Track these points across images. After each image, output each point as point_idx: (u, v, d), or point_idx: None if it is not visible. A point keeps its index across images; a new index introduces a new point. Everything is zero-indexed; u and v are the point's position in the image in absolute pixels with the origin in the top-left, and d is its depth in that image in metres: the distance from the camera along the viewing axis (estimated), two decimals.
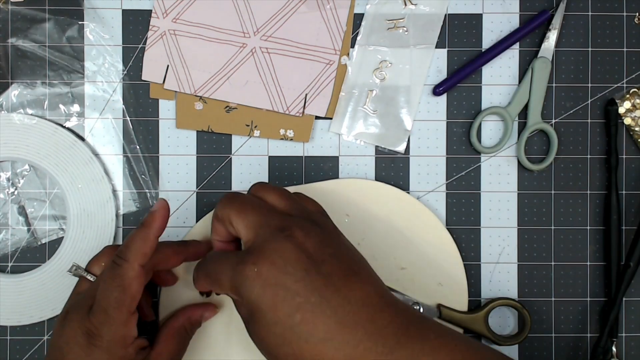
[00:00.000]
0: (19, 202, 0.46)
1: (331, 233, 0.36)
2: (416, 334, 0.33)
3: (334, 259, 0.33)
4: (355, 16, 0.46)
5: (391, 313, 0.33)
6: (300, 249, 0.33)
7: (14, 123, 0.45)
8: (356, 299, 0.32)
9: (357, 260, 0.35)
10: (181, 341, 0.40)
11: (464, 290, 0.45)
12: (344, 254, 0.34)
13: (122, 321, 0.36)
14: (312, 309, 0.32)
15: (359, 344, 0.32)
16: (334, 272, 0.33)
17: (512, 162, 0.47)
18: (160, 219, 0.37)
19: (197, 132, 0.46)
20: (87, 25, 0.46)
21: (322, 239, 0.34)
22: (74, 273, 0.39)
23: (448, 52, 0.47)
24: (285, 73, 0.46)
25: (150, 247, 0.37)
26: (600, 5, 0.47)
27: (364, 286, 0.33)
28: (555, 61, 0.47)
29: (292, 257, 0.33)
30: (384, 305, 0.33)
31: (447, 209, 0.47)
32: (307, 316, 0.32)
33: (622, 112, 0.46)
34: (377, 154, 0.47)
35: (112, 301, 0.35)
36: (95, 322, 0.35)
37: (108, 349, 0.35)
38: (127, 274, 0.36)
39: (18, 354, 0.46)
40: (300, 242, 0.33)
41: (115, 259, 0.36)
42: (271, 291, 0.32)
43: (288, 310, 0.32)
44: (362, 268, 0.35)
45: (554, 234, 0.47)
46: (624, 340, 0.47)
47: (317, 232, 0.34)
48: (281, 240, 0.33)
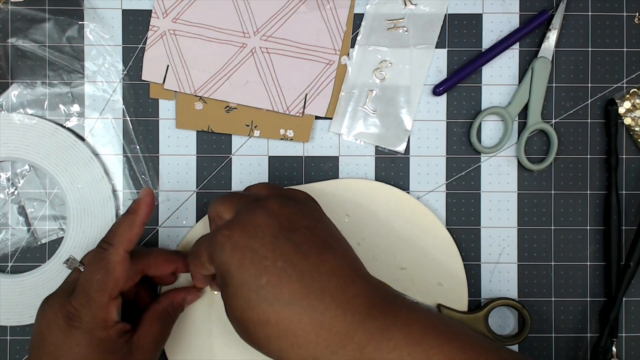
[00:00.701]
0: (19, 202, 0.46)
1: (312, 211, 0.36)
2: (388, 306, 0.33)
3: (307, 231, 0.34)
4: (355, 16, 0.46)
5: (363, 286, 0.33)
6: (271, 216, 0.34)
7: (14, 123, 0.45)
8: (326, 269, 0.33)
9: (336, 238, 0.35)
10: (164, 324, 0.40)
11: (464, 291, 0.45)
12: (321, 229, 0.34)
13: (103, 304, 0.36)
14: (278, 273, 0.32)
15: (326, 311, 0.31)
16: (306, 241, 0.33)
17: (512, 162, 0.47)
18: (145, 206, 0.39)
19: (197, 132, 0.46)
20: (87, 25, 0.46)
21: (298, 212, 0.35)
22: (69, 265, 0.40)
23: (448, 52, 0.47)
24: (285, 73, 0.46)
25: (136, 233, 0.38)
26: (600, 5, 0.47)
27: (337, 259, 0.33)
28: (555, 61, 0.47)
29: (263, 223, 0.33)
30: (356, 277, 0.33)
31: (447, 209, 0.47)
32: (272, 279, 0.32)
33: (622, 112, 0.46)
34: (377, 154, 0.47)
35: (94, 283, 0.36)
36: (76, 304, 0.36)
37: (88, 331, 0.35)
38: (112, 257, 0.37)
39: (18, 354, 0.46)
40: (273, 210, 0.34)
41: (100, 244, 0.38)
42: (240, 253, 0.33)
43: (254, 272, 0.32)
44: (340, 245, 0.35)
45: (554, 234, 0.47)
46: (624, 340, 0.47)
47: (294, 205, 0.35)
48: (254, 209, 0.34)
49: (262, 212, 0.34)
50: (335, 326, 0.31)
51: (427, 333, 0.32)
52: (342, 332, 0.31)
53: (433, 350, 0.31)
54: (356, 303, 0.32)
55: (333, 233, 0.35)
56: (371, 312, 0.32)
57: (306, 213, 0.35)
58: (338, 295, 0.32)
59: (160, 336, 0.40)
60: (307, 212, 0.35)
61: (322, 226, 0.35)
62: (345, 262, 0.34)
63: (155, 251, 0.42)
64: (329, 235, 0.35)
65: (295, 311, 0.31)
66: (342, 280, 0.33)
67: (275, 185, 0.39)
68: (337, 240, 0.35)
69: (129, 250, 0.38)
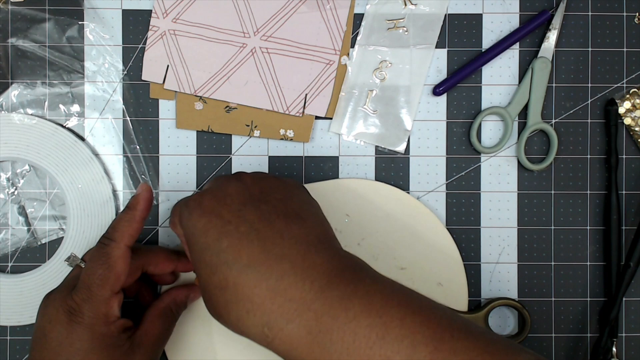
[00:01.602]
0: (19, 202, 0.46)
1: (291, 188, 0.36)
2: (351, 276, 0.31)
3: (279, 203, 0.34)
4: (355, 16, 0.46)
5: (328, 255, 0.32)
6: (244, 187, 0.34)
7: (14, 123, 0.45)
8: (291, 236, 0.32)
9: (311, 212, 0.35)
10: (167, 322, 0.40)
11: (464, 290, 0.45)
12: (295, 202, 0.34)
13: (105, 299, 0.36)
14: (240, 236, 0.32)
15: (284, 277, 0.31)
16: (274, 211, 0.33)
17: (512, 162, 0.47)
18: (144, 202, 0.39)
19: (197, 132, 0.46)
20: (87, 25, 0.46)
21: (273, 186, 0.35)
22: (70, 263, 0.40)
23: (448, 52, 0.47)
24: (285, 73, 0.46)
25: (136, 228, 0.38)
26: (600, 5, 0.47)
27: (304, 228, 0.33)
28: (555, 61, 0.47)
29: (234, 191, 0.34)
30: (322, 248, 0.32)
31: (447, 209, 0.47)
32: (233, 242, 0.32)
33: (622, 112, 0.46)
34: (377, 154, 0.47)
35: (96, 278, 0.36)
36: (78, 299, 0.36)
37: (89, 326, 0.36)
38: (113, 252, 0.37)
39: (18, 354, 0.46)
40: (247, 182, 0.35)
41: (102, 239, 0.38)
42: (206, 218, 0.33)
43: (216, 235, 0.32)
44: (312, 218, 0.34)
45: (554, 234, 0.47)
46: (624, 340, 0.47)
47: (272, 180, 0.35)
48: (228, 179, 0.35)
49: (235, 182, 0.35)
50: (292, 293, 0.30)
51: (389, 304, 0.30)
52: (299, 300, 0.30)
53: (394, 323, 0.29)
54: (317, 271, 0.31)
55: (308, 208, 0.35)
56: (332, 281, 0.31)
57: (282, 188, 0.35)
58: (298, 262, 0.31)
59: (163, 334, 0.40)
60: (283, 187, 0.35)
61: (298, 199, 0.35)
62: (313, 232, 0.33)
63: (155, 248, 0.42)
64: (302, 208, 0.34)
65: (253, 276, 0.31)
66: (305, 247, 0.32)
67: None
68: (310, 214, 0.34)
69: (130, 246, 0.38)
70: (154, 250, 0.41)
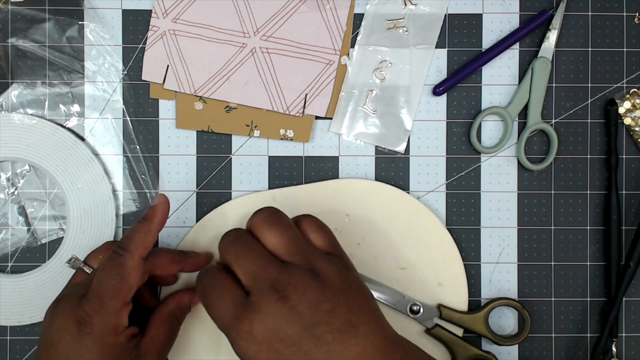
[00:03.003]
0: (19, 202, 0.46)
1: (331, 280, 0.34)
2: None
3: (330, 316, 0.33)
4: (355, 16, 0.46)
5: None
6: (293, 312, 0.32)
7: (14, 123, 0.45)
8: (351, 357, 0.32)
9: (358, 308, 0.34)
10: (171, 327, 0.40)
11: (464, 291, 0.45)
12: (343, 305, 0.33)
13: (116, 310, 0.36)
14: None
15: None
16: (329, 330, 0.32)
17: (512, 162, 0.47)
18: (161, 214, 0.39)
19: (197, 132, 0.46)
20: (87, 25, 0.46)
21: (318, 295, 0.33)
22: (72, 265, 0.40)
23: (448, 52, 0.47)
24: (285, 73, 0.46)
25: (151, 240, 0.38)
26: (600, 5, 0.47)
27: (360, 341, 0.33)
28: (555, 61, 0.47)
29: (285, 321, 0.32)
30: (380, 359, 0.33)
31: (447, 209, 0.47)
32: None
33: (622, 112, 0.46)
34: (377, 154, 0.47)
35: (109, 289, 0.36)
36: (88, 309, 0.35)
37: (99, 337, 0.35)
38: (128, 263, 0.36)
39: (18, 354, 0.46)
40: (294, 303, 0.32)
41: (116, 249, 0.37)
42: (265, 355, 0.32)
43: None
44: (363, 316, 0.34)
45: (554, 234, 0.47)
46: (624, 340, 0.47)
47: (314, 286, 0.33)
48: (274, 303, 0.32)
49: (283, 309, 0.32)
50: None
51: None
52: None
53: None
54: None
55: (355, 304, 0.34)
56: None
57: (326, 289, 0.33)
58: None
59: (168, 339, 0.40)
60: (327, 287, 0.34)
61: (343, 300, 0.34)
62: (370, 341, 0.33)
63: (161, 251, 0.41)
64: (351, 309, 0.34)
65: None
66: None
67: (288, 230, 0.36)
68: (359, 312, 0.34)
69: (144, 257, 0.37)
70: (160, 254, 0.41)
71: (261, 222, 0.36)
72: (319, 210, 0.45)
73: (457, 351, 0.44)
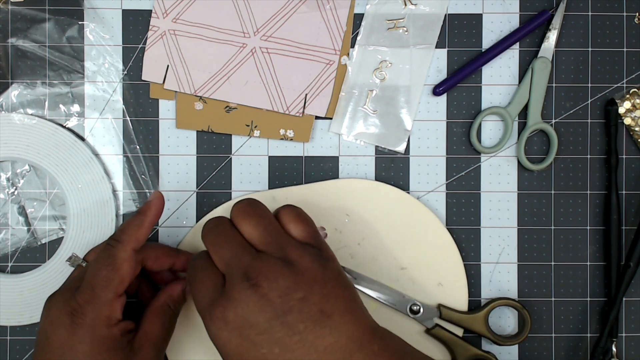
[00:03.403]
0: (19, 202, 0.46)
1: (304, 269, 0.34)
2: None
3: (302, 304, 0.33)
4: (355, 16, 0.46)
5: (361, 358, 0.32)
6: (264, 300, 0.32)
7: (14, 123, 0.45)
8: (324, 346, 0.32)
9: (334, 297, 0.34)
10: (166, 320, 0.40)
11: (464, 291, 0.45)
12: (317, 294, 0.33)
13: (108, 300, 0.36)
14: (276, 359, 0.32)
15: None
16: (301, 319, 0.32)
17: (512, 162, 0.47)
18: (155, 208, 0.39)
19: (197, 132, 0.46)
20: (87, 25, 0.46)
21: (290, 284, 0.33)
22: (72, 263, 0.40)
23: (448, 52, 0.47)
24: (285, 73, 0.46)
25: (144, 233, 0.39)
26: (600, 5, 0.47)
27: (334, 330, 0.33)
28: (555, 61, 0.47)
29: (256, 308, 0.32)
30: (355, 349, 0.32)
31: (447, 209, 0.47)
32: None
33: (622, 112, 0.46)
34: (377, 154, 0.47)
35: (101, 279, 0.36)
36: (81, 300, 0.36)
37: (91, 328, 0.35)
38: (119, 254, 0.37)
39: (18, 354, 0.46)
40: (265, 292, 0.32)
41: (108, 241, 0.38)
42: (236, 341, 0.33)
43: (254, 359, 0.32)
44: (338, 305, 0.33)
45: (554, 234, 0.47)
46: (624, 340, 0.47)
47: (286, 274, 0.33)
48: (245, 290, 0.33)
49: (254, 296, 0.32)
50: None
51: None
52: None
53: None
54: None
55: (330, 293, 0.34)
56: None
57: (299, 279, 0.33)
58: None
59: (163, 333, 0.39)
60: (300, 276, 0.33)
61: (318, 289, 0.33)
62: (343, 330, 0.33)
63: (154, 244, 0.42)
64: (324, 299, 0.33)
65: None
66: (341, 355, 0.32)
67: (264, 220, 0.36)
68: (333, 301, 0.34)
69: (136, 250, 0.38)
70: (153, 246, 0.42)
71: (238, 211, 0.36)
72: (319, 210, 0.45)
73: (457, 351, 0.44)
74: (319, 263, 0.34)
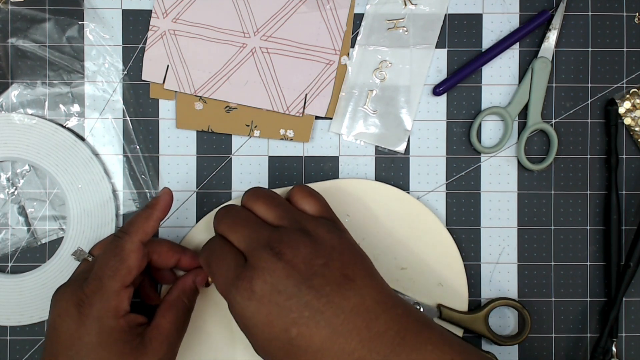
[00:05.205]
0: (19, 202, 0.46)
1: (322, 239, 0.35)
2: (412, 343, 0.33)
3: (325, 269, 0.34)
4: (355, 16, 0.46)
5: (387, 319, 0.33)
6: (289, 266, 0.33)
7: (14, 123, 0.45)
8: (350, 307, 0.33)
9: (353, 264, 0.35)
10: (179, 313, 0.40)
11: (464, 290, 0.45)
12: (337, 260, 0.34)
13: (115, 291, 0.36)
14: (307, 323, 0.32)
15: (354, 352, 0.32)
16: (326, 282, 0.33)
17: (512, 162, 0.47)
18: (164, 203, 0.40)
19: (197, 132, 0.46)
20: (87, 25, 0.46)
21: (311, 250, 0.34)
22: (77, 257, 0.41)
23: (448, 52, 0.47)
24: (285, 73, 0.46)
25: (152, 226, 0.39)
26: (600, 5, 0.47)
27: (358, 292, 0.33)
28: (555, 61, 0.47)
29: (282, 275, 0.33)
30: (380, 311, 0.33)
31: (447, 209, 0.47)
32: (302, 330, 0.32)
33: (622, 112, 0.46)
34: (377, 154, 0.47)
35: (108, 270, 0.37)
36: (88, 291, 0.36)
37: (98, 319, 0.36)
38: (127, 245, 0.37)
39: (18, 354, 0.46)
40: (289, 258, 0.33)
41: (116, 233, 0.39)
42: (265, 310, 0.33)
43: (283, 326, 0.33)
44: (358, 272, 0.34)
45: (554, 234, 0.47)
46: (624, 340, 0.47)
47: (306, 243, 0.34)
48: (270, 258, 0.34)
49: (280, 264, 0.33)
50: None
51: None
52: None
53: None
54: (380, 341, 0.32)
55: (350, 259, 0.35)
56: (395, 350, 0.32)
57: (318, 246, 0.35)
58: (364, 335, 0.32)
59: (175, 327, 0.39)
60: (319, 244, 0.35)
61: (337, 256, 0.35)
62: (368, 293, 0.34)
63: (161, 240, 0.43)
64: (345, 264, 0.34)
65: (328, 355, 0.32)
66: (367, 316, 0.33)
67: (276, 200, 0.38)
68: (354, 266, 0.35)
69: (144, 242, 0.38)
70: (159, 241, 0.42)
71: (249, 196, 0.38)
72: None
73: None
74: (334, 233, 0.36)
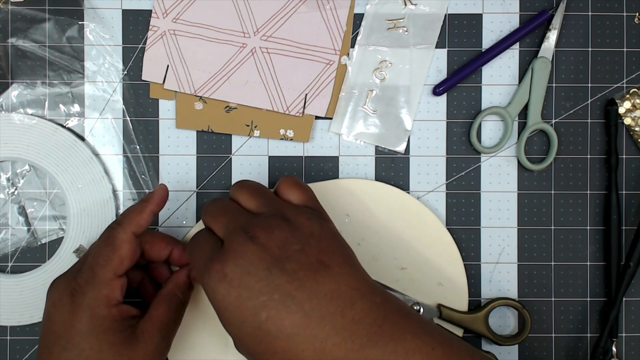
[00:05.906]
0: (19, 202, 0.46)
1: (301, 225, 0.35)
2: (390, 331, 0.32)
3: (301, 254, 0.33)
4: (355, 16, 0.46)
5: (364, 307, 0.32)
6: (262, 249, 0.33)
7: (14, 123, 0.45)
8: (324, 293, 0.32)
9: (331, 251, 0.34)
10: (172, 307, 0.40)
11: (464, 290, 0.45)
12: (314, 247, 0.34)
13: (107, 280, 0.37)
14: (277, 306, 0.32)
15: (327, 339, 0.31)
16: (300, 267, 0.32)
17: (512, 162, 0.47)
18: (159, 197, 0.40)
19: (197, 132, 0.46)
20: (87, 25, 0.46)
21: (288, 235, 0.34)
22: (79, 254, 0.41)
23: (448, 52, 0.47)
24: (285, 73, 0.46)
25: (145, 219, 0.39)
26: (600, 5, 0.47)
27: (333, 278, 0.33)
28: (555, 61, 0.47)
29: (254, 257, 0.33)
30: (356, 298, 0.32)
31: (447, 209, 0.47)
32: (272, 313, 0.32)
33: (622, 112, 0.46)
34: (377, 154, 0.47)
35: (100, 259, 0.37)
36: (81, 280, 0.37)
37: (89, 307, 0.36)
38: (119, 235, 0.38)
39: (18, 354, 0.46)
40: (262, 242, 0.33)
41: (110, 225, 0.39)
42: (235, 292, 0.32)
43: (253, 309, 0.32)
44: (335, 259, 0.34)
45: (554, 234, 0.47)
46: (624, 340, 0.47)
47: (283, 227, 0.34)
48: (243, 241, 0.33)
49: (252, 246, 0.33)
50: (337, 353, 0.31)
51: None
52: (343, 359, 0.31)
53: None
54: (356, 328, 0.31)
55: (328, 247, 0.34)
56: (372, 338, 0.31)
57: (296, 231, 0.34)
58: (338, 321, 0.31)
59: (168, 320, 0.39)
60: (297, 230, 0.34)
61: (315, 243, 0.34)
62: (343, 280, 0.33)
63: (155, 232, 0.43)
64: (323, 251, 0.34)
65: (299, 341, 0.31)
66: (342, 302, 0.32)
67: (258, 190, 0.38)
68: (332, 254, 0.34)
69: (136, 234, 0.39)
70: (153, 233, 0.43)
71: (235, 188, 0.38)
72: None
73: None
74: (315, 221, 0.35)
